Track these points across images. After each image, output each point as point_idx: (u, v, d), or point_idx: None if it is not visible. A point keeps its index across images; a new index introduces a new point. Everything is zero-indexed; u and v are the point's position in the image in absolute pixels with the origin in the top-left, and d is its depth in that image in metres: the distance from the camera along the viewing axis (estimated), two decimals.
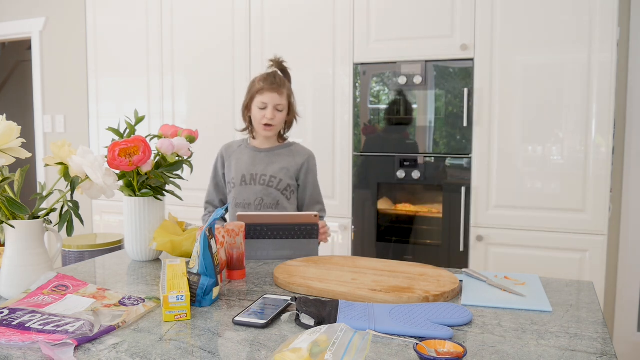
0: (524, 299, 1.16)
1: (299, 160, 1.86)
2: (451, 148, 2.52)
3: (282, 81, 1.82)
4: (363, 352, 0.73)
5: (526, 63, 2.38)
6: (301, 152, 1.89)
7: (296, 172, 1.85)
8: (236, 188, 1.85)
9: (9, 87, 5.37)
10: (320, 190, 1.93)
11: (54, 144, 1.27)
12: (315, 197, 1.90)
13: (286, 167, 1.84)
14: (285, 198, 1.83)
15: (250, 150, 1.88)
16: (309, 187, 1.88)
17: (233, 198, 1.86)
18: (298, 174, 1.86)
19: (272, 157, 1.85)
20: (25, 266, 1.18)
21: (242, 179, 1.84)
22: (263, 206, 1.81)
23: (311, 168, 1.88)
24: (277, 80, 1.81)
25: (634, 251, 2.63)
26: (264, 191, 1.81)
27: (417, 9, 2.55)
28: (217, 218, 1.17)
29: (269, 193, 1.81)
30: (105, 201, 3.41)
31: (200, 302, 1.12)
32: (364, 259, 1.48)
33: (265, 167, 1.83)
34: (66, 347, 0.86)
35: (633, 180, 2.63)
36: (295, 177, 1.86)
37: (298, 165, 1.85)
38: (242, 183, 1.84)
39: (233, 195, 1.86)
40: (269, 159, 1.85)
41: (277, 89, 1.79)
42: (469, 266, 2.52)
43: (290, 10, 2.82)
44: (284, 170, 1.83)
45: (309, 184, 1.88)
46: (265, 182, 1.82)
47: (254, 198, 1.82)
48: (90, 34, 3.38)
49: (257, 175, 1.83)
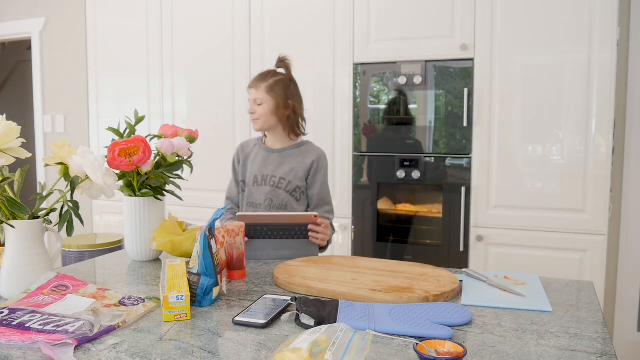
0: (524, 299, 1.16)
1: (308, 160, 1.84)
2: (451, 148, 2.52)
3: (263, 77, 1.84)
4: (363, 352, 0.73)
5: (526, 63, 2.38)
6: (312, 152, 1.87)
7: (305, 172, 1.83)
8: (248, 188, 1.88)
9: (9, 87, 5.37)
10: (330, 191, 1.89)
11: (54, 144, 1.27)
12: (323, 197, 1.86)
13: (295, 168, 1.83)
14: (294, 199, 1.83)
15: (263, 151, 1.90)
16: (316, 186, 1.85)
17: (245, 197, 1.89)
18: (307, 173, 1.84)
19: (283, 158, 1.86)
20: (25, 266, 1.18)
21: (254, 179, 1.86)
22: (272, 207, 1.82)
23: (321, 167, 1.85)
24: (258, 76, 1.85)
25: (634, 251, 2.63)
26: (273, 192, 1.82)
27: (417, 9, 2.55)
28: (217, 218, 1.17)
29: (278, 194, 1.82)
30: (105, 201, 3.41)
31: (200, 302, 1.12)
32: (364, 259, 1.48)
33: (275, 169, 1.84)
34: (66, 347, 0.86)
35: (633, 180, 2.63)
36: (305, 178, 1.84)
37: (307, 165, 1.84)
38: (254, 184, 1.86)
39: (246, 194, 1.89)
40: (280, 160, 1.85)
41: (254, 84, 1.84)
42: (469, 266, 2.52)
43: (290, 10, 2.82)
44: (293, 171, 1.83)
45: (317, 182, 1.85)
46: (275, 184, 1.83)
47: (263, 199, 1.83)
48: (90, 34, 3.38)
49: (267, 177, 1.84)
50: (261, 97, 1.81)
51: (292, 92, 1.85)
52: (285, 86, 1.83)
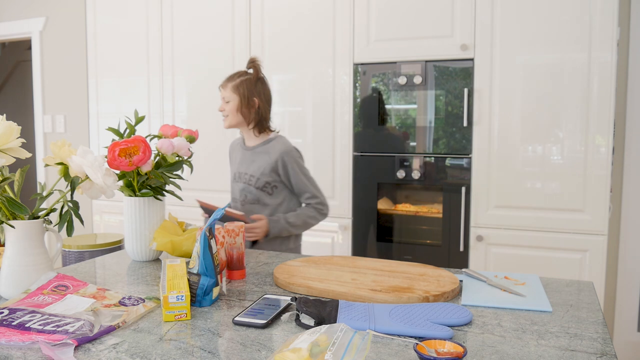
0: (524, 299, 1.16)
1: (272, 157, 1.93)
2: (451, 148, 2.52)
3: (231, 77, 1.97)
4: (363, 352, 0.73)
5: (526, 63, 2.38)
6: (275, 150, 1.94)
7: (272, 168, 1.92)
8: (230, 184, 2.08)
9: (9, 87, 5.37)
10: (307, 181, 1.95)
11: (54, 144, 1.27)
12: (302, 188, 1.94)
13: (262, 165, 1.93)
14: (266, 194, 1.94)
15: (241, 149, 2.04)
16: (292, 181, 1.94)
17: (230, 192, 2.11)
18: (275, 169, 1.93)
19: (254, 156, 1.98)
20: (25, 266, 1.18)
21: (233, 176, 2.04)
22: (246, 202, 1.97)
23: (287, 164, 1.92)
24: (228, 77, 1.98)
25: (634, 251, 2.63)
26: (246, 189, 1.96)
27: (417, 9, 2.55)
28: (217, 218, 1.17)
29: (250, 191, 1.95)
30: (105, 201, 3.41)
31: (200, 302, 1.12)
32: (364, 259, 1.48)
33: (248, 166, 1.98)
34: (66, 347, 0.86)
35: (633, 180, 2.63)
36: (275, 172, 1.93)
37: (272, 163, 1.92)
38: (234, 180, 2.04)
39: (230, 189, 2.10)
40: (252, 158, 1.98)
41: (223, 83, 1.97)
42: (469, 266, 2.52)
43: (290, 10, 2.82)
44: (261, 169, 1.93)
45: (291, 178, 1.94)
46: (247, 181, 1.97)
47: (239, 195, 2.00)
48: (90, 34, 3.38)
49: (242, 174, 1.99)
50: (228, 95, 1.94)
51: (258, 90, 1.96)
52: (251, 85, 1.94)
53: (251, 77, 1.95)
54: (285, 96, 2.87)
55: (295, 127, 2.85)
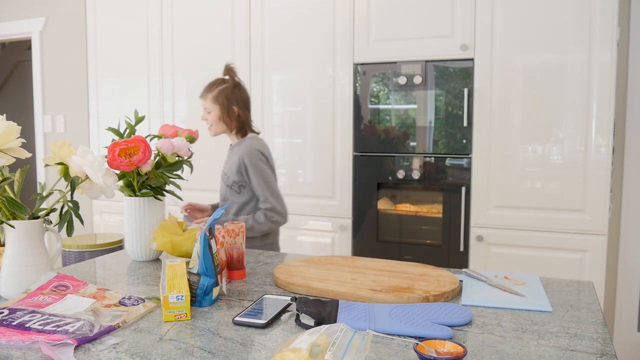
0: (524, 299, 1.16)
1: (238, 157, 2.00)
2: (451, 148, 2.52)
3: (209, 87, 2.05)
4: (363, 352, 0.73)
5: (526, 63, 2.38)
6: (241, 150, 2.01)
7: (237, 169, 1.99)
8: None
9: (9, 87, 5.37)
10: (263, 184, 1.98)
11: (54, 144, 1.27)
12: (257, 191, 1.99)
13: (232, 164, 2.02)
14: (233, 192, 2.02)
15: (228, 149, 2.14)
16: (252, 182, 1.99)
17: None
18: (240, 170, 1.99)
19: (231, 155, 2.08)
20: (25, 266, 1.18)
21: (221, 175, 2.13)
22: (221, 199, 2.09)
23: (248, 165, 1.97)
24: (206, 87, 2.06)
25: (634, 251, 2.63)
26: (223, 187, 2.07)
27: (417, 9, 2.55)
28: (217, 218, 1.17)
29: (224, 189, 2.06)
30: (105, 201, 3.41)
31: (200, 302, 1.12)
32: (364, 259, 1.48)
33: (226, 165, 2.09)
34: (66, 347, 0.86)
35: (633, 180, 2.63)
36: (240, 173, 1.99)
37: (237, 163, 1.99)
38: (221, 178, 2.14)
39: None
40: (230, 157, 2.08)
41: (203, 94, 2.06)
42: (469, 266, 2.52)
43: (290, 10, 2.82)
44: (232, 168, 2.01)
45: (251, 179, 1.99)
46: (224, 179, 2.07)
47: (221, 192, 2.10)
48: (90, 34, 3.38)
49: (223, 172, 2.09)
50: (209, 106, 2.03)
51: (236, 97, 2.03)
52: (229, 93, 2.02)
53: (228, 84, 2.02)
54: (285, 96, 2.86)
55: (295, 127, 2.85)
